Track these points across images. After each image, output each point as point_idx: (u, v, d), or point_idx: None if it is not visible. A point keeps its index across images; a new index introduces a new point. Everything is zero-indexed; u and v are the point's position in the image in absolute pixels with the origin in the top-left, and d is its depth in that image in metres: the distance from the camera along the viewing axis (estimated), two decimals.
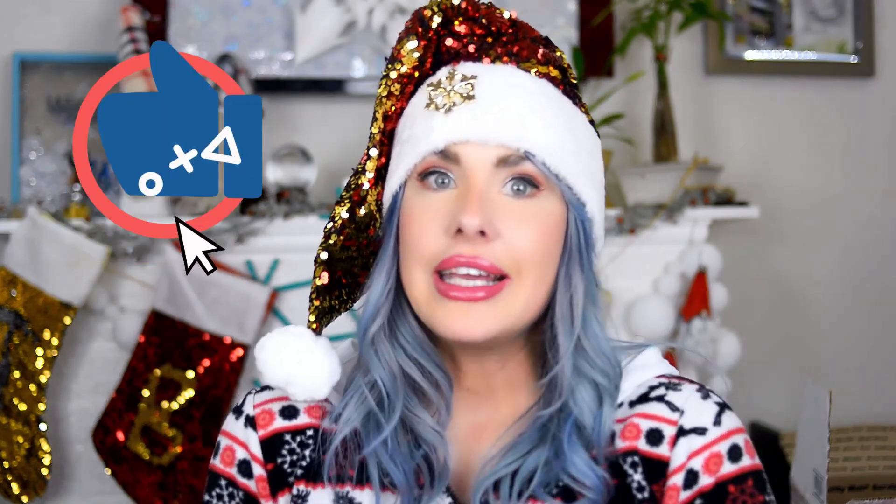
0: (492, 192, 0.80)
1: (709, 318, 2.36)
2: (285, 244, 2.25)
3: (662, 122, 2.46)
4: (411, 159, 0.82)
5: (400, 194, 0.83)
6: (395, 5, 2.43)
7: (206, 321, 2.19)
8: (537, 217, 0.81)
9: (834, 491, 1.81)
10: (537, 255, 0.80)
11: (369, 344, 0.85)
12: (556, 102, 0.84)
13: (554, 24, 2.51)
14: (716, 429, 0.83)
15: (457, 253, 0.79)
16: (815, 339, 2.76)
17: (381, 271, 0.84)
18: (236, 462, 0.90)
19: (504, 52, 0.84)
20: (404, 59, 0.83)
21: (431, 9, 0.84)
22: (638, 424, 0.84)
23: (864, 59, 2.76)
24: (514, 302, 0.80)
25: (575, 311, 0.83)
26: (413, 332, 0.85)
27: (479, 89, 0.81)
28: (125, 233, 2.17)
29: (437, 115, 0.81)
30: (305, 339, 0.86)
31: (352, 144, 2.22)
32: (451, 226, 0.79)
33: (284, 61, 2.44)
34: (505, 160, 0.80)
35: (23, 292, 2.16)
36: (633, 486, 0.82)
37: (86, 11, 2.47)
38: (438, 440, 0.84)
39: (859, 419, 2.51)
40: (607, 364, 0.84)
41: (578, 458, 0.81)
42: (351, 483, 0.85)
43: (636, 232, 2.33)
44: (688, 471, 0.81)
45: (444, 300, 0.80)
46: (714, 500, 0.80)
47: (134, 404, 2.19)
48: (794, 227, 2.74)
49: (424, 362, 0.85)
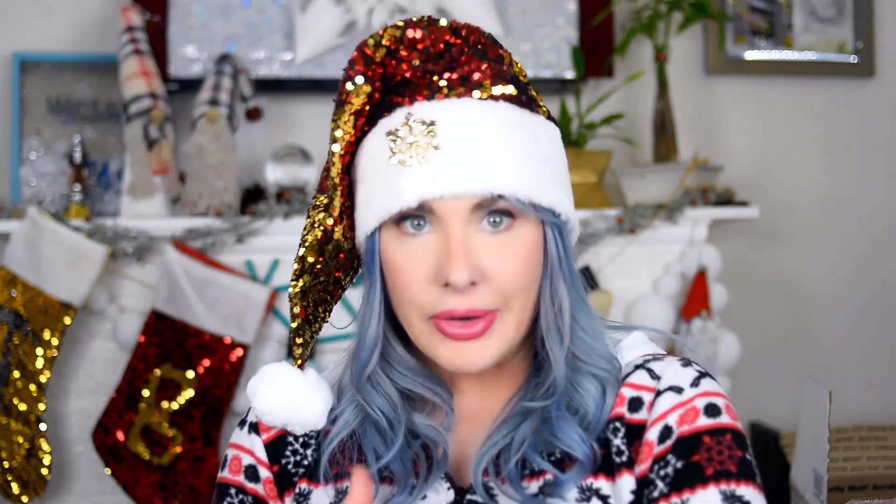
0: (470, 234, 0.81)
1: (709, 318, 2.36)
2: (285, 244, 2.25)
3: (662, 122, 2.46)
4: (384, 212, 0.81)
5: (376, 238, 0.84)
6: (395, 5, 2.43)
7: (206, 321, 2.18)
8: (518, 248, 0.82)
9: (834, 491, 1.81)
10: (522, 285, 0.82)
11: (366, 381, 0.87)
12: (517, 124, 0.83)
13: (554, 24, 2.51)
14: (692, 389, 0.83)
15: (450, 308, 0.80)
16: (816, 339, 2.76)
17: (372, 313, 0.86)
18: (243, 469, 0.93)
19: (457, 82, 0.82)
20: (354, 100, 0.82)
21: (374, 45, 0.81)
22: (622, 393, 0.86)
23: (864, 58, 2.77)
24: (506, 330, 0.82)
25: (563, 322, 0.85)
26: (405, 361, 0.89)
27: (441, 136, 0.80)
28: (125, 233, 2.17)
29: (404, 171, 0.80)
30: (294, 380, 0.89)
31: None
32: (439, 278, 0.80)
33: (284, 61, 2.44)
34: (479, 205, 0.81)
35: (23, 292, 2.16)
36: (612, 451, 0.84)
37: (86, 11, 2.48)
38: (437, 434, 0.86)
39: (859, 419, 2.51)
40: (603, 361, 0.86)
41: (568, 426, 0.83)
42: (349, 479, 0.87)
43: (636, 232, 2.33)
44: (663, 426, 0.81)
45: (444, 339, 0.82)
46: (686, 448, 0.79)
47: (134, 404, 2.19)
48: (794, 226, 2.74)
49: (423, 381, 0.88)
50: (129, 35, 2.28)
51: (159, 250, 2.21)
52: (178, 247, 2.18)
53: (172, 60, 2.39)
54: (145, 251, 2.20)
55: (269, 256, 2.27)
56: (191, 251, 2.19)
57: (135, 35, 2.28)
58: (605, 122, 2.42)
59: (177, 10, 2.40)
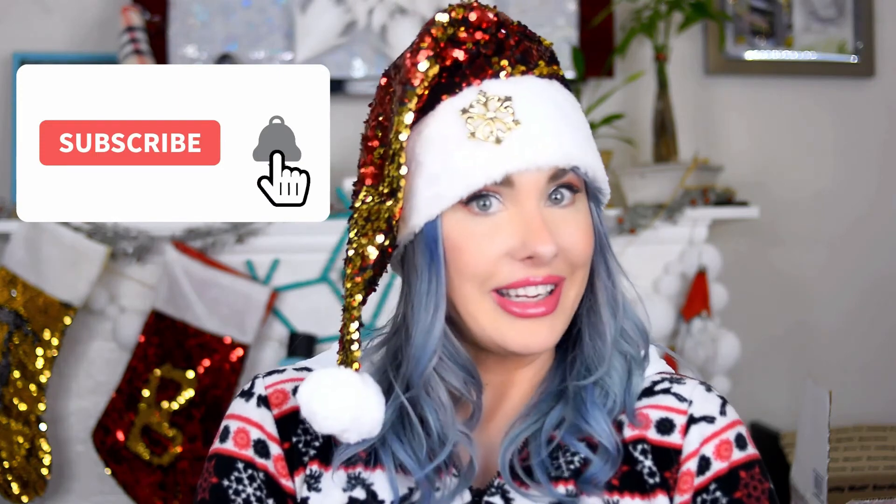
0: (542, 208, 0.82)
1: (709, 318, 2.36)
2: (285, 244, 2.26)
3: (662, 122, 2.46)
4: (461, 190, 0.80)
5: (439, 223, 0.82)
6: (395, 5, 2.43)
7: (206, 321, 2.19)
8: (581, 221, 0.84)
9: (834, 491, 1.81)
10: (587, 256, 0.85)
11: (426, 381, 0.83)
12: (571, 102, 0.86)
13: (554, 24, 2.51)
14: (722, 418, 0.87)
15: (530, 276, 0.81)
16: (815, 339, 2.76)
17: (437, 305, 0.82)
18: (252, 443, 0.88)
19: (515, 61, 0.84)
20: (424, 83, 0.80)
21: (444, 24, 0.81)
22: (647, 415, 0.87)
23: (864, 59, 2.76)
24: (567, 302, 0.84)
25: (618, 295, 0.87)
26: (458, 352, 0.85)
27: (519, 112, 0.81)
28: (125, 233, 2.17)
29: (486, 145, 0.80)
30: (355, 385, 0.83)
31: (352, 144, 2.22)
32: (522, 251, 0.80)
33: (284, 61, 2.44)
34: (555, 176, 0.82)
35: (23, 292, 2.16)
36: (643, 471, 0.85)
37: (86, 11, 2.47)
38: (465, 440, 0.84)
39: (859, 419, 2.51)
40: (639, 335, 0.89)
41: (598, 413, 0.84)
42: (362, 464, 0.85)
43: (636, 232, 2.33)
44: (701, 457, 0.85)
45: (511, 318, 0.82)
46: (728, 484, 0.84)
47: (134, 404, 2.19)
48: (794, 227, 2.74)
49: (464, 374, 0.85)
50: (129, 35, 2.28)
51: (159, 250, 2.21)
52: (178, 247, 2.18)
53: (172, 60, 2.39)
54: (145, 251, 2.20)
55: (269, 256, 2.27)
56: (191, 251, 2.19)
57: (135, 35, 2.28)
58: (605, 122, 2.42)
59: (177, 10, 2.40)
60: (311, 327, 2.27)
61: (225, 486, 0.87)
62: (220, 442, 0.89)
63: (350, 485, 0.85)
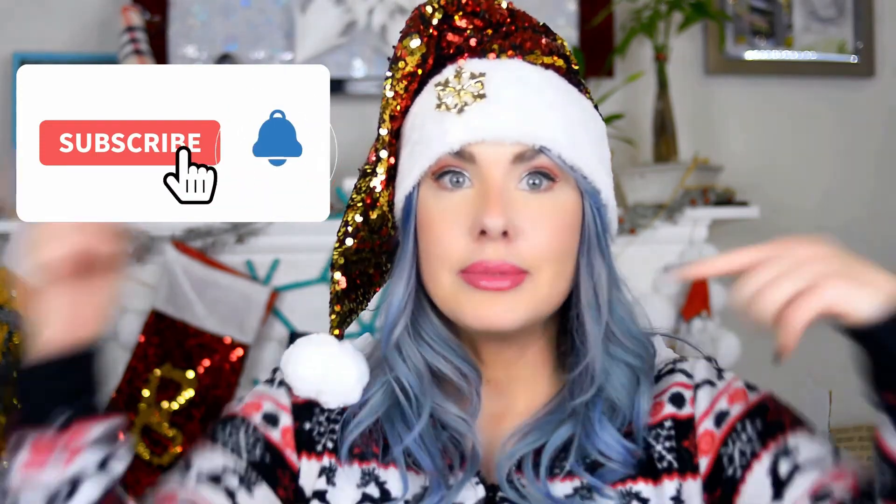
0: (509, 189, 0.80)
1: (709, 318, 2.36)
2: (285, 244, 2.25)
3: (662, 122, 2.46)
4: (425, 160, 0.81)
5: (414, 195, 0.83)
6: (395, 5, 2.43)
7: (206, 321, 2.19)
8: (555, 211, 0.81)
9: None
10: (556, 251, 0.81)
11: (394, 346, 0.85)
12: (564, 92, 0.85)
13: (554, 24, 2.50)
14: (721, 381, 0.86)
15: (483, 259, 0.79)
16: (815, 339, 2.74)
17: (402, 274, 0.84)
18: (262, 412, 0.88)
19: (508, 46, 0.84)
20: (408, 59, 0.83)
21: (432, 5, 0.83)
22: (662, 401, 0.85)
23: (864, 59, 2.76)
24: (535, 293, 0.81)
25: (601, 298, 0.84)
26: (436, 329, 0.85)
27: (489, 87, 0.81)
28: None
29: (450, 115, 0.81)
30: (331, 347, 0.86)
31: (352, 144, 2.22)
32: (474, 227, 0.79)
33: (284, 61, 2.44)
34: (521, 156, 0.80)
35: None
36: (654, 456, 0.83)
37: (86, 11, 2.47)
38: (466, 427, 0.83)
39: (859, 419, 2.51)
40: (638, 346, 0.85)
41: (608, 435, 0.82)
42: (377, 461, 0.85)
43: (636, 232, 2.33)
44: (716, 413, 0.83)
45: (471, 290, 0.80)
46: (757, 413, 0.84)
47: (134, 404, 2.19)
48: (794, 227, 2.74)
49: (451, 357, 0.85)
50: (129, 35, 2.28)
51: (159, 250, 2.21)
52: (178, 247, 2.18)
53: (172, 60, 2.39)
54: (145, 251, 2.20)
55: (270, 256, 2.27)
56: (191, 251, 2.19)
57: (135, 35, 2.28)
58: (605, 122, 2.41)
59: (177, 10, 2.40)
60: (311, 327, 2.26)
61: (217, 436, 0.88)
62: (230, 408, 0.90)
63: (364, 481, 0.85)
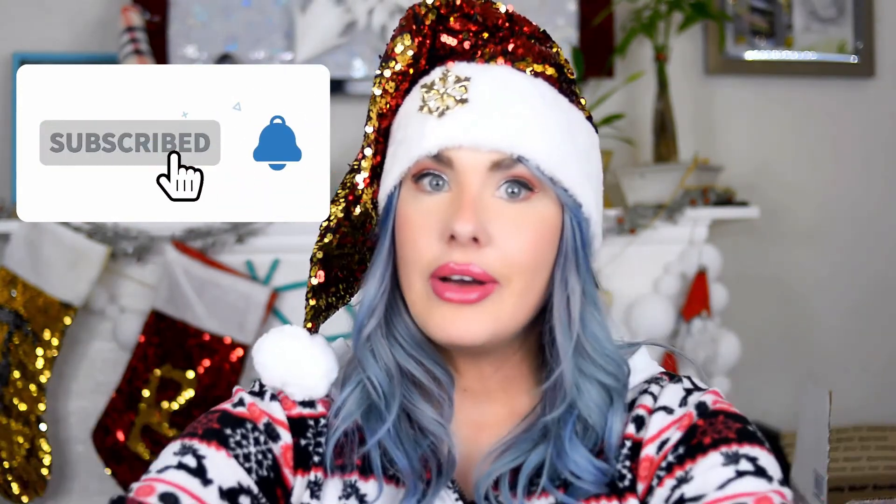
0: (485, 197, 0.80)
1: (709, 318, 2.36)
2: (285, 244, 2.25)
3: (662, 122, 2.46)
4: (405, 162, 0.81)
5: (395, 195, 0.83)
6: (395, 5, 2.43)
7: (206, 321, 2.19)
8: (531, 221, 0.80)
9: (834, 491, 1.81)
10: (529, 262, 0.80)
11: (364, 342, 0.84)
12: (552, 102, 0.83)
13: (554, 24, 2.51)
14: (682, 408, 0.82)
15: (450, 260, 0.78)
16: (815, 339, 2.76)
17: (377, 271, 0.84)
18: (262, 422, 0.84)
19: (499, 51, 0.83)
20: (398, 57, 0.83)
21: (426, 5, 0.83)
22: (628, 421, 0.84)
23: (864, 59, 2.76)
24: (502, 308, 0.79)
25: (573, 313, 0.82)
26: (409, 330, 0.85)
27: (472, 92, 0.80)
28: (125, 233, 2.17)
29: (430, 118, 0.80)
30: (301, 339, 0.86)
31: (352, 144, 2.22)
32: (445, 232, 0.78)
33: (284, 61, 2.44)
34: (498, 164, 0.79)
35: (23, 292, 2.16)
36: (615, 476, 0.82)
37: (86, 11, 2.47)
38: (442, 431, 0.83)
39: (859, 419, 2.51)
40: (611, 364, 0.83)
41: (579, 455, 0.80)
42: (357, 472, 0.84)
43: (636, 232, 2.33)
44: (661, 440, 0.80)
45: (438, 301, 0.79)
46: (685, 439, 0.78)
47: (134, 404, 2.19)
48: (794, 227, 2.74)
49: (423, 359, 0.84)
50: (129, 35, 2.28)
51: (159, 250, 2.21)
52: (178, 247, 2.18)
53: (172, 60, 2.39)
54: (145, 251, 2.20)
55: (269, 256, 2.27)
56: (191, 251, 2.19)
57: (135, 35, 2.28)
58: (605, 122, 2.42)
59: (177, 10, 2.40)
60: None
61: (227, 433, 0.81)
62: (233, 406, 0.85)
63: (345, 493, 0.84)
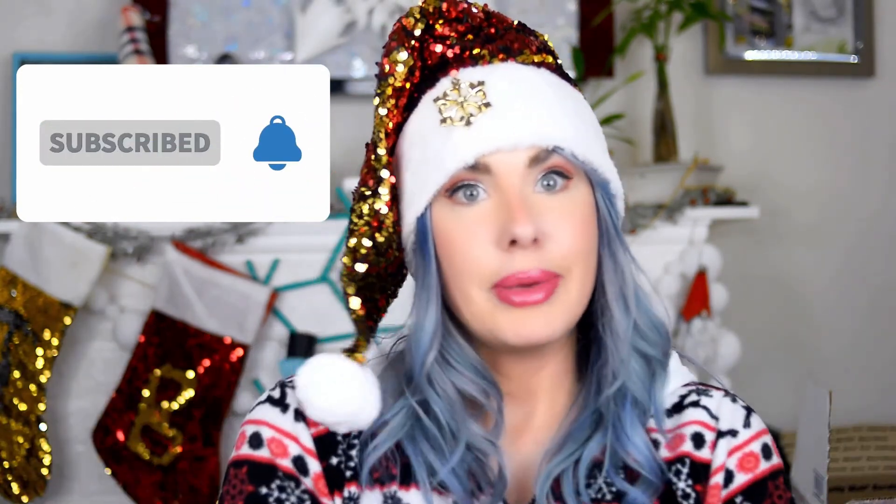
0: (528, 195, 0.79)
1: (709, 318, 2.36)
2: (285, 244, 2.25)
3: (662, 122, 2.46)
4: (439, 178, 0.79)
5: (427, 216, 0.81)
6: (395, 5, 2.43)
7: (206, 321, 2.18)
8: (574, 209, 0.81)
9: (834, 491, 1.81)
10: (583, 249, 0.80)
11: (425, 376, 0.82)
12: (561, 89, 0.84)
13: (554, 24, 2.51)
14: (746, 430, 0.86)
15: (517, 270, 0.78)
16: (816, 339, 2.76)
17: (428, 299, 0.81)
18: (291, 457, 0.82)
19: (498, 50, 0.83)
20: (396, 73, 0.81)
21: (413, 17, 0.82)
22: (683, 434, 0.86)
23: (864, 59, 2.76)
24: (570, 298, 0.80)
25: (627, 290, 0.84)
26: (464, 352, 0.83)
27: (491, 95, 0.80)
28: (125, 233, 2.17)
29: (456, 129, 0.79)
30: (358, 379, 0.82)
31: (352, 145, 2.22)
32: (503, 238, 0.77)
33: (284, 61, 2.44)
34: (535, 159, 0.79)
35: (23, 292, 2.16)
36: (678, 493, 0.83)
37: (86, 11, 2.47)
38: (492, 449, 0.81)
39: (859, 419, 2.51)
40: (657, 334, 0.86)
41: (639, 438, 0.82)
42: (396, 482, 0.82)
43: (636, 232, 2.33)
44: (726, 470, 0.84)
45: (506, 308, 0.79)
46: (755, 494, 0.83)
47: (134, 404, 2.19)
48: (794, 227, 2.74)
49: (475, 377, 0.82)
50: (129, 35, 2.28)
51: (159, 250, 2.21)
52: (178, 247, 2.18)
53: (172, 60, 2.39)
54: (145, 251, 2.20)
55: (269, 256, 2.27)
56: (191, 251, 2.19)
57: (135, 35, 2.28)
58: (605, 122, 2.42)
59: (177, 10, 2.40)
60: (311, 327, 2.26)
61: (263, 493, 0.80)
62: (252, 448, 0.83)
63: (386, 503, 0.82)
